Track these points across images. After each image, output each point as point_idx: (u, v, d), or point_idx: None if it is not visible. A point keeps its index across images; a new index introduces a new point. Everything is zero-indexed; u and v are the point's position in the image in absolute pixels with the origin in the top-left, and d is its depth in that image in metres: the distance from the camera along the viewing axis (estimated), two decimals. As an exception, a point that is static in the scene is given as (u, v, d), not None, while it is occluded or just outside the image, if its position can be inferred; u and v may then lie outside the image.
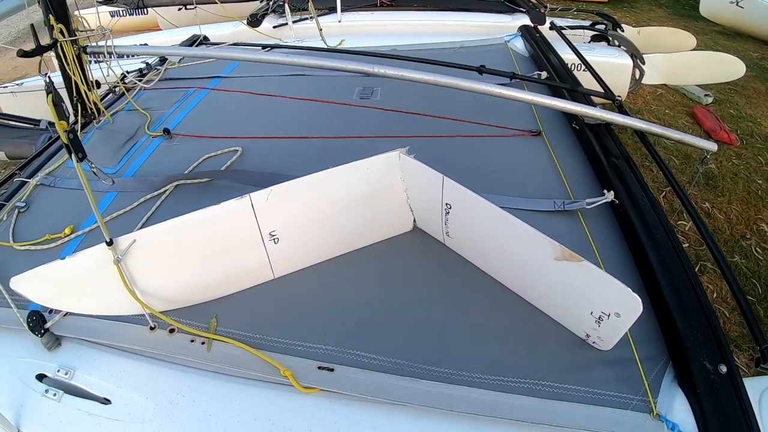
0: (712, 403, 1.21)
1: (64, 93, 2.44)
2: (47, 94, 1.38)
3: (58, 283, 1.50)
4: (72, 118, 2.59)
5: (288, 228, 1.62)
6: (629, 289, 1.20)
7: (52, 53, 2.37)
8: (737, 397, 1.21)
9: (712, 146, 2.10)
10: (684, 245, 1.63)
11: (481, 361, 1.38)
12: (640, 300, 1.19)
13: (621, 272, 1.57)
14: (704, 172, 4.31)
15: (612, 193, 1.80)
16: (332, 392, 1.35)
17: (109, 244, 1.42)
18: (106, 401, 1.41)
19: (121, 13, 8.18)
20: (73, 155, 1.32)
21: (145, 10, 6.56)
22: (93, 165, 1.58)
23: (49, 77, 1.67)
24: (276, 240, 1.62)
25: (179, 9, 5.49)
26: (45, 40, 2.22)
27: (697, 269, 3.33)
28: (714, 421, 1.19)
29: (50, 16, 2.25)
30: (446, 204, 1.60)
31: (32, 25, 2.14)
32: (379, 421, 1.30)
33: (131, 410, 1.38)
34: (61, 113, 1.34)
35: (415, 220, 1.83)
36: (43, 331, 1.52)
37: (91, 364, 1.51)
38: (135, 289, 1.51)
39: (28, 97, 4.49)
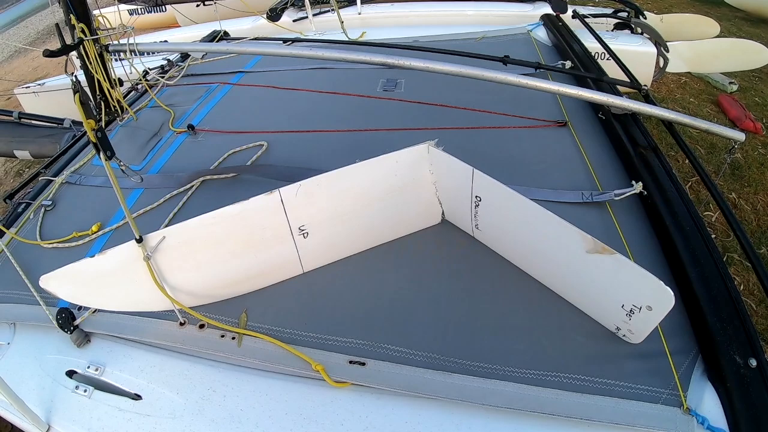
0: (742, 398, 1.20)
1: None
2: (74, 93, 1.39)
3: (88, 281, 1.51)
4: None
5: (317, 222, 1.62)
6: (662, 282, 1.19)
7: (73, 53, 2.39)
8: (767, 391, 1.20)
9: (739, 136, 2.06)
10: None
11: (512, 354, 1.37)
12: (672, 293, 1.18)
13: (650, 264, 1.55)
14: (731, 162, 4.23)
15: (640, 184, 1.77)
16: (364, 386, 1.35)
17: (139, 241, 1.43)
18: (136, 397, 1.43)
19: (140, 11, 8.22)
20: (101, 154, 1.32)
21: (163, 7, 6.57)
22: (121, 163, 1.59)
23: (75, 76, 1.68)
24: (305, 234, 1.62)
25: (197, 5, 5.50)
26: (67, 40, 2.23)
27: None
28: (744, 416, 1.18)
29: (71, 15, 2.26)
30: (476, 197, 1.59)
31: (57, 25, 2.15)
32: (411, 415, 1.30)
33: (162, 406, 1.40)
34: (88, 112, 1.34)
35: (443, 213, 1.82)
36: (72, 328, 1.55)
37: (121, 361, 1.52)
38: (165, 285, 1.52)
39: (50, 97, 4.55)
